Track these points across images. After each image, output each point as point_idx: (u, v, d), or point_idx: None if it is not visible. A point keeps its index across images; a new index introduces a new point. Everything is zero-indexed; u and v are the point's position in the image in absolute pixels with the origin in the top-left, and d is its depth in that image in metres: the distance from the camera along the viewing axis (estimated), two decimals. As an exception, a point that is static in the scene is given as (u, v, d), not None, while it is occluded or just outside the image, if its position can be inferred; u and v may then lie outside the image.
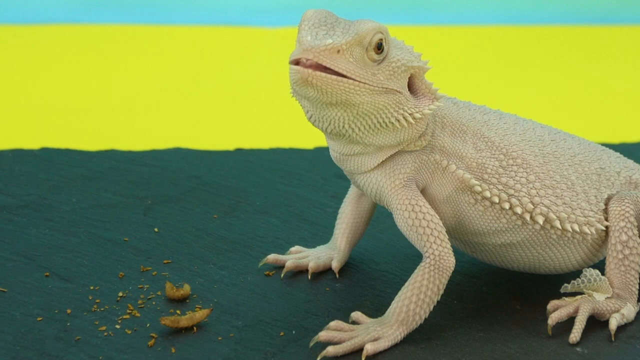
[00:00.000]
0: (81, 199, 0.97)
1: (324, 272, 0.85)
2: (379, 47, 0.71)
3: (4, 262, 0.85)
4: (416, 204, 0.75)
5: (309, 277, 0.84)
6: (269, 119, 1.38)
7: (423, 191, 0.77)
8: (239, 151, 1.12)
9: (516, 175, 0.76)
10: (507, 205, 0.76)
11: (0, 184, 1.00)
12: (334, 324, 0.75)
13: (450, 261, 0.74)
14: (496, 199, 0.76)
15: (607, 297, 0.77)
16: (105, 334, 0.75)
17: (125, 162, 1.07)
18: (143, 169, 1.05)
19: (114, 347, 0.74)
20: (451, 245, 0.76)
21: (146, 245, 0.89)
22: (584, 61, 1.65)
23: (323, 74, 0.69)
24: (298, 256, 0.86)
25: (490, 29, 1.79)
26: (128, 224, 0.93)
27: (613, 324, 0.76)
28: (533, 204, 0.76)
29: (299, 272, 0.85)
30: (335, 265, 0.85)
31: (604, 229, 0.78)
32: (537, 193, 0.76)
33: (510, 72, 1.59)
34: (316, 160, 1.08)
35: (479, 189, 0.76)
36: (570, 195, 0.77)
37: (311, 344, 0.74)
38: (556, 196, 0.77)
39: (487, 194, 0.76)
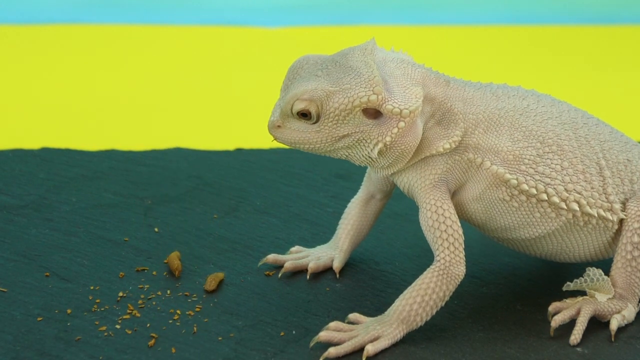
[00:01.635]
0: (81, 199, 0.97)
1: (324, 272, 0.85)
2: (305, 115, 0.74)
3: (4, 262, 0.85)
4: (441, 207, 0.76)
5: (308, 277, 0.84)
6: (268, 119, 1.37)
7: (456, 190, 0.77)
8: (239, 151, 1.12)
9: (552, 163, 0.77)
10: (544, 197, 0.76)
11: (0, 184, 1.00)
12: (333, 324, 0.75)
13: (460, 270, 0.75)
14: (534, 191, 0.76)
15: (609, 298, 0.77)
16: (106, 334, 0.75)
17: (125, 162, 1.07)
18: (143, 169, 1.05)
19: (114, 347, 0.74)
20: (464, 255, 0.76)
21: (146, 245, 0.89)
22: (584, 61, 1.65)
23: (281, 139, 0.76)
24: (297, 256, 0.86)
25: (490, 29, 1.79)
26: (128, 224, 0.93)
27: (614, 324, 0.76)
28: (567, 190, 0.77)
29: (299, 272, 0.85)
30: (337, 265, 0.85)
31: (623, 217, 0.78)
32: (570, 179, 0.77)
33: (510, 72, 1.59)
34: (316, 160, 1.08)
35: (515, 182, 0.76)
36: (598, 180, 0.78)
37: (311, 345, 0.74)
38: (586, 181, 0.77)
39: (525, 186, 0.76)
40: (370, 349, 0.73)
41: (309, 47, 1.60)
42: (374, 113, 0.74)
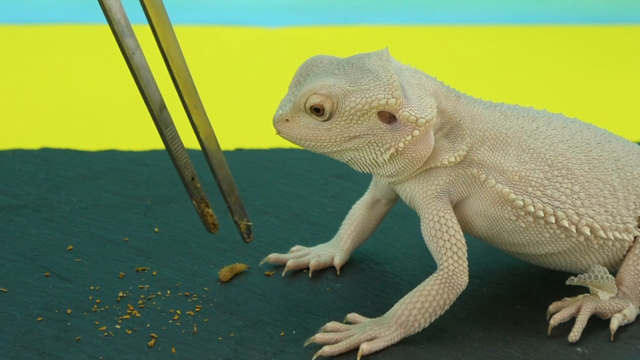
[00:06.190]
0: (81, 199, 0.97)
1: (325, 271, 0.85)
2: (317, 110, 0.73)
3: (4, 262, 0.85)
4: (443, 217, 0.75)
5: (310, 275, 0.84)
6: (269, 119, 1.37)
7: (459, 203, 0.77)
8: (239, 151, 1.12)
9: (561, 187, 0.75)
10: (552, 219, 0.75)
11: (0, 184, 1.00)
12: (330, 325, 0.75)
13: (462, 279, 0.75)
14: (541, 213, 0.75)
15: (611, 297, 0.77)
16: (106, 334, 0.75)
17: (125, 162, 1.07)
18: (143, 169, 1.05)
19: (114, 347, 0.74)
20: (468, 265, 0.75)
21: (146, 245, 0.89)
22: (584, 61, 1.65)
23: (286, 134, 0.75)
24: (299, 254, 0.86)
25: (490, 29, 1.79)
26: (128, 224, 0.93)
27: (615, 324, 0.76)
28: (578, 215, 0.75)
29: (299, 272, 0.85)
30: (337, 262, 0.85)
31: (638, 234, 0.78)
32: (582, 203, 0.76)
33: (510, 72, 1.59)
34: (316, 160, 1.08)
35: (520, 203, 0.75)
36: (612, 202, 0.77)
37: (306, 344, 0.74)
38: (599, 204, 0.76)
39: (531, 208, 0.75)
40: (365, 348, 0.73)
41: (309, 47, 1.61)
42: (388, 117, 0.73)
